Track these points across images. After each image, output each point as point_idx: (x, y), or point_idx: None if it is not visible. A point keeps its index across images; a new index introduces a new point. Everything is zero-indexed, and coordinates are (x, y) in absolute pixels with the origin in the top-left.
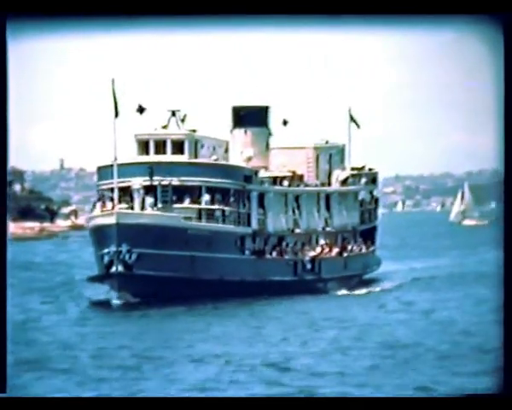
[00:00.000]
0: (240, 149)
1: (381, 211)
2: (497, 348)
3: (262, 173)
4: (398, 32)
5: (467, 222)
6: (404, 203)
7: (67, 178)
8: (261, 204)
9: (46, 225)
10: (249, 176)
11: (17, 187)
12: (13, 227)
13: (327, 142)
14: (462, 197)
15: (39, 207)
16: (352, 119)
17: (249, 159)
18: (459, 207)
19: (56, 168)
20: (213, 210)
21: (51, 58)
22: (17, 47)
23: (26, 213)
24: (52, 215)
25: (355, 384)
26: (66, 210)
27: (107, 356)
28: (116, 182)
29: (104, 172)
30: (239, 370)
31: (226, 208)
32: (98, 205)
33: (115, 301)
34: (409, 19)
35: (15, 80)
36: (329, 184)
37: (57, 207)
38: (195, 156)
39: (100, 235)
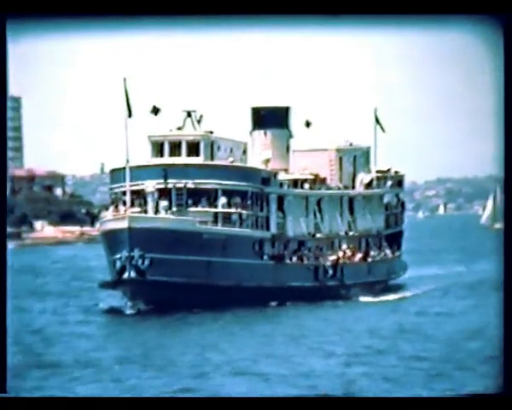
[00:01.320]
0: (259, 152)
1: (421, 214)
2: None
3: (281, 176)
4: (397, 32)
5: (497, 226)
6: (445, 206)
7: (107, 183)
8: (280, 207)
9: (86, 229)
10: (267, 178)
11: (58, 191)
12: (53, 231)
13: (351, 144)
14: (494, 201)
15: (80, 211)
16: (377, 121)
17: (267, 161)
18: (490, 210)
19: (97, 173)
20: (230, 213)
21: (53, 58)
22: (17, 47)
23: (66, 218)
24: (92, 219)
25: None
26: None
27: None
28: (128, 185)
29: (117, 174)
30: None
31: (243, 212)
32: (111, 209)
33: (129, 311)
34: (409, 19)
35: (15, 80)
36: (353, 188)
37: (97, 211)
38: (211, 158)
39: (112, 239)
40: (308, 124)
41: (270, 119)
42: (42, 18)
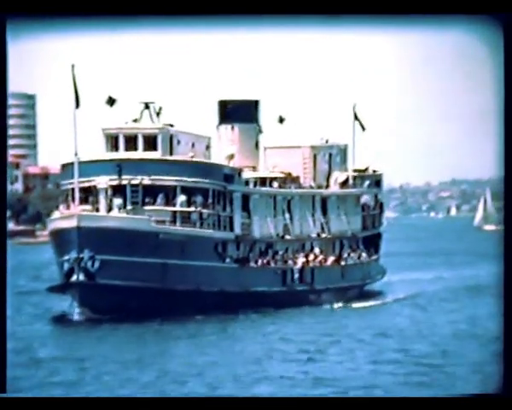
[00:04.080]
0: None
1: (440, 215)
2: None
3: (247, 173)
4: (397, 32)
5: (487, 227)
6: (458, 208)
7: None
8: (246, 207)
9: None
10: (231, 175)
11: None
12: None
13: (327, 141)
14: (485, 203)
15: None
16: (356, 117)
17: (231, 157)
18: (481, 212)
19: None
20: (189, 212)
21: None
22: (17, 47)
23: None
24: None
25: None
26: None
27: None
28: (77, 181)
29: (67, 170)
30: None
31: (204, 211)
32: (62, 207)
33: (76, 317)
34: (409, 19)
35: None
36: (327, 187)
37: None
38: (170, 153)
39: (60, 240)
40: (282, 120)
41: (238, 113)
42: (42, 18)
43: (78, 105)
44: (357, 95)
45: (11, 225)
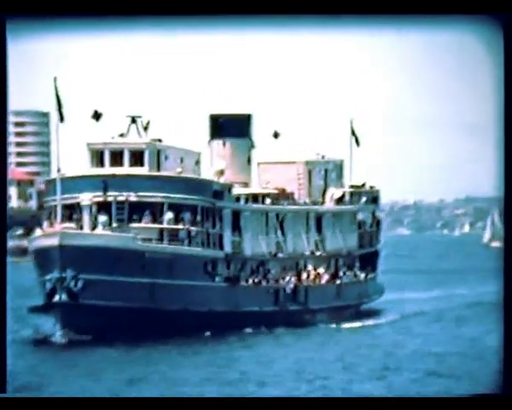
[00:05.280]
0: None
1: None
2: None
3: (238, 190)
4: (398, 32)
5: (494, 244)
6: (472, 225)
7: None
8: (237, 224)
9: None
10: (220, 191)
11: None
12: None
13: (323, 157)
14: (493, 221)
15: None
16: (353, 133)
17: (221, 172)
18: (490, 229)
19: None
20: (177, 230)
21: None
22: (17, 47)
23: None
24: None
25: None
26: None
27: None
28: (60, 198)
29: (51, 186)
30: None
31: (192, 228)
32: (45, 224)
33: (59, 340)
34: (409, 19)
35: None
36: (323, 204)
37: None
38: (158, 169)
39: (42, 258)
40: (276, 135)
41: (230, 127)
42: (42, 18)
43: (62, 119)
44: (355, 106)
45: (25, 242)
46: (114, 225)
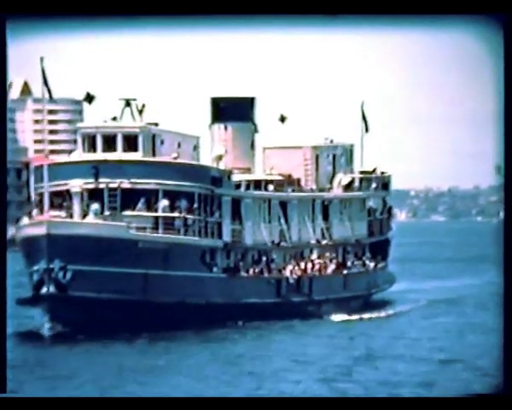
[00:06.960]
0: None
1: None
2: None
3: (239, 176)
4: (397, 32)
5: None
6: None
7: None
8: (237, 212)
9: None
10: (219, 178)
11: None
12: None
13: (331, 141)
14: None
15: None
16: (363, 117)
17: (220, 158)
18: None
19: None
20: (173, 218)
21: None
22: (17, 47)
23: None
24: None
25: None
26: None
27: None
28: (47, 184)
29: (40, 172)
30: None
31: (189, 216)
32: (35, 212)
33: (45, 332)
34: (409, 19)
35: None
36: (331, 190)
37: None
38: (152, 154)
39: (29, 248)
40: (283, 119)
41: (232, 111)
42: (42, 18)
43: (51, 97)
44: (365, 93)
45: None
46: (106, 213)
